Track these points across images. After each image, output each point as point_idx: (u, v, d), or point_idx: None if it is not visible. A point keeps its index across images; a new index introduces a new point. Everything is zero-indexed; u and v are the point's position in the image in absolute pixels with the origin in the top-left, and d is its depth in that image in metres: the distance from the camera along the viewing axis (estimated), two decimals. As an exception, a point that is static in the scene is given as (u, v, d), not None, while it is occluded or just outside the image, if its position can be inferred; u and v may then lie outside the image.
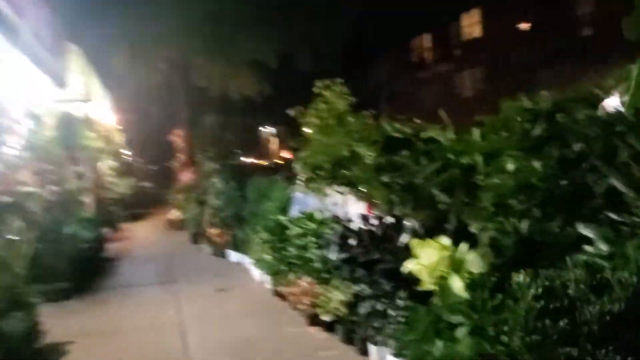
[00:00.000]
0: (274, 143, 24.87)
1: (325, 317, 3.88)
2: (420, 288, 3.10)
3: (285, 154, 20.13)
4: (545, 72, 15.73)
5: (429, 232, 3.34)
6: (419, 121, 4.09)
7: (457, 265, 2.97)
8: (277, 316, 4.56)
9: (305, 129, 4.94)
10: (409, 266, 3.17)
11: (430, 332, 2.88)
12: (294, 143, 5.11)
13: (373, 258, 3.60)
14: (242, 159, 14.09)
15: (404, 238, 3.36)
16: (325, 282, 4.17)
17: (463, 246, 3.01)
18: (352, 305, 3.62)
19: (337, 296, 3.77)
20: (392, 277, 3.42)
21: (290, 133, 5.79)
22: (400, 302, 3.21)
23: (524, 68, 17.37)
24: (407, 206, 3.72)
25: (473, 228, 3.16)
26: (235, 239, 7.20)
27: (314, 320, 4.17)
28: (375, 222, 3.87)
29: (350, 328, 3.72)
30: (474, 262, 2.87)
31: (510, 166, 2.80)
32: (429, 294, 3.14)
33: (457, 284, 2.77)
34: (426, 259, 3.05)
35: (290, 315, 4.49)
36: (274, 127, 23.51)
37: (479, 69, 21.59)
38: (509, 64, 18.95)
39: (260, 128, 23.68)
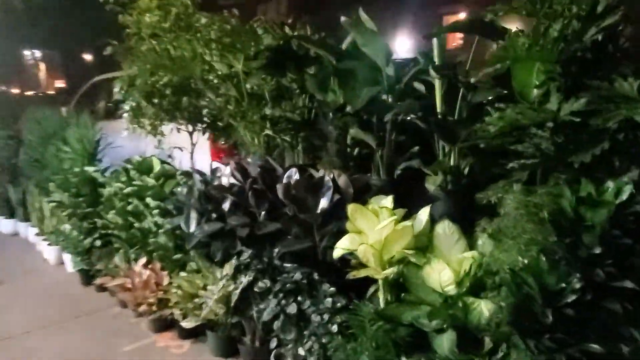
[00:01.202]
0: (49, 69, 20.01)
1: (188, 323, 2.53)
2: (353, 276, 2.05)
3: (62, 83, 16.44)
4: None
5: (360, 192, 2.26)
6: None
7: (422, 242, 1.99)
8: (100, 323, 2.95)
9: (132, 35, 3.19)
10: (343, 246, 2.06)
11: (390, 348, 1.88)
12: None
13: (269, 231, 2.36)
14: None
15: (324, 202, 2.21)
16: (180, 266, 2.78)
17: (423, 213, 2.04)
18: (237, 305, 2.36)
19: (207, 292, 2.45)
20: (303, 261, 2.27)
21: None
22: (327, 301, 2.10)
23: None
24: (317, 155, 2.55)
25: (430, 184, 2.20)
26: (6, 200, 4.95)
27: (166, 326, 2.77)
28: (251, 175, 2.61)
29: (233, 337, 2.47)
30: (452, 238, 1.92)
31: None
32: (361, 285, 2.12)
33: (444, 274, 1.78)
34: (373, 233, 1.98)
35: (123, 320, 2.95)
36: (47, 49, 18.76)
37: None
38: None
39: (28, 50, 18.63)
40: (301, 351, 2.06)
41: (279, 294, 2.19)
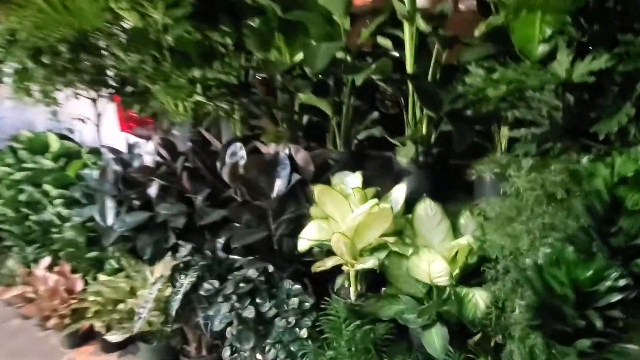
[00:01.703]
0: None
1: (114, 336, 2.08)
2: (317, 269, 1.74)
3: None
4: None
5: (322, 169, 1.91)
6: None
7: (399, 225, 1.71)
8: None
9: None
10: (310, 236, 1.72)
11: (371, 351, 1.62)
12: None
13: (213, 221, 1.95)
14: None
15: (280, 184, 1.84)
16: (98, 267, 2.27)
17: (398, 191, 1.75)
18: (178, 312, 1.94)
19: (138, 298, 2.01)
20: (256, 253, 1.91)
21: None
22: (292, 301, 1.76)
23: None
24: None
25: (402, 156, 1.91)
26: None
27: (85, 339, 2.28)
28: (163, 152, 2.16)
29: (173, 346, 2.07)
30: (434, 219, 1.66)
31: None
32: (325, 277, 1.82)
33: (436, 265, 1.52)
34: (344, 218, 1.66)
35: (27, 336, 2.39)
36: None
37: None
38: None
39: None
40: (264, 362, 1.74)
41: (231, 296, 1.81)
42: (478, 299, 1.54)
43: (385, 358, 1.62)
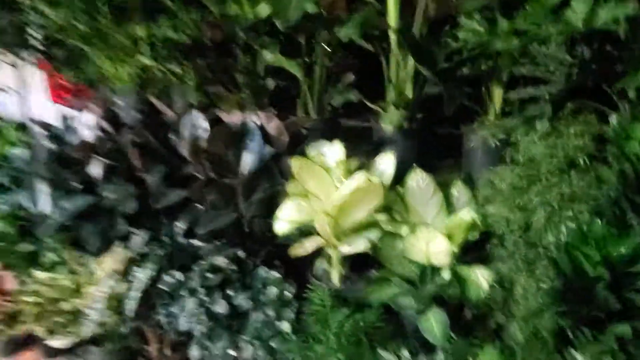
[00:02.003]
0: None
1: (58, 341, 1.78)
2: (297, 253, 1.53)
3: None
4: None
5: (296, 140, 1.67)
6: None
7: (388, 200, 1.51)
8: None
9: None
10: (289, 217, 1.50)
11: (363, 341, 1.44)
12: None
13: (172, 203, 1.68)
14: None
15: (250, 158, 1.59)
16: (33, 261, 1.94)
17: (385, 162, 1.55)
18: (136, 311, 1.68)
19: (85, 297, 1.72)
20: (222, 237, 1.67)
21: None
22: (270, 292, 1.55)
23: None
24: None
25: (387, 122, 1.71)
26: None
27: (23, 345, 1.96)
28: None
29: (129, 347, 1.80)
30: (427, 192, 1.48)
31: None
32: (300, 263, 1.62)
33: (437, 244, 1.34)
34: (328, 195, 1.45)
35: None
36: None
37: None
38: None
39: None
40: (240, 362, 1.53)
41: (198, 289, 1.57)
42: (480, 278, 1.40)
43: (377, 348, 1.45)
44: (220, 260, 1.62)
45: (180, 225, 1.76)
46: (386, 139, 1.74)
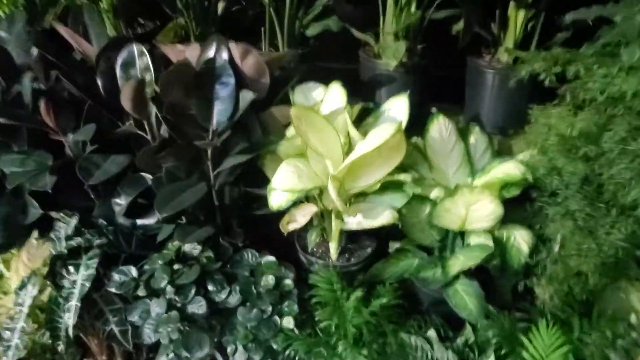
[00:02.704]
0: None
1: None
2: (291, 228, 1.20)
3: None
4: None
5: (280, 82, 1.27)
6: None
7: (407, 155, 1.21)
8: None
9: None
10: (286, 186, 1.13)
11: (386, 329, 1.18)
12: None
13: (110, 176, 1.22)
14: None
15: (223, 108, 1.17)
16: None
17: (397, 106, 1.23)
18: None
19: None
20: (181, 216, 1.26)
21: None
22: (266, 280, 1.20)
23: None
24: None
25: (390, 58, 1.36)
26: None
27: None
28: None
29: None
30: (449, 142, 1.20)
31: None
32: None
33: (482, 208, 1.08)
34: (335, 154, 1.11)
35: None
36: None
37: None
38: None
39: None
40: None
41: (163, 287, 1.18)
42: (520, 241, 1.19)
43: (400, 332, 1.20)
44: (190, 247, 1.22)
45: (118, 202, 1.31)
46: (379, 78, 1.42)
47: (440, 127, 1.22)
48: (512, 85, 1.16)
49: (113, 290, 1.20)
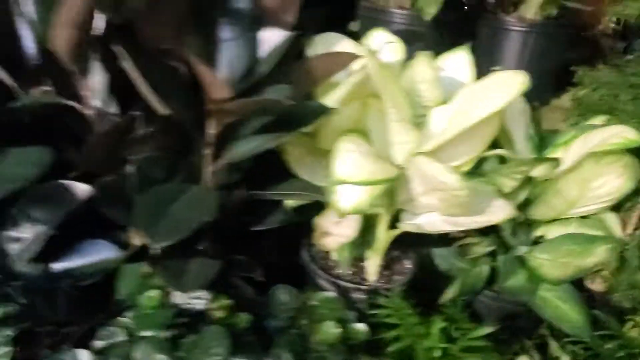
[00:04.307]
0: None
1: None
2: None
3: None
4: None
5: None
6: None
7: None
8: None
9: None
10: (363, 173, 0.71)
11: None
12: None
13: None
14: None
15: (234, 55, 0.70)
16: None
17: (460, 59, 0.89)
18: None
19: None
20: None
21: None
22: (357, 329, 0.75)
23: None
24: None
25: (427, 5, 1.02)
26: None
27: None
28: None
29: None
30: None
31: None
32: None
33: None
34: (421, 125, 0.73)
35: None
36: None
37: None
38: None
39: None
40: None
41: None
42: (614, 226, 0.96)
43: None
44: (183, 297, 0.71)
45: (21, 235, 0.73)
46: (403, 32, 1.08)
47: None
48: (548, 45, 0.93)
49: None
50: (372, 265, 0.94)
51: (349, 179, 0.69)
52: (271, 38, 0.71)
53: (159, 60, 0.65)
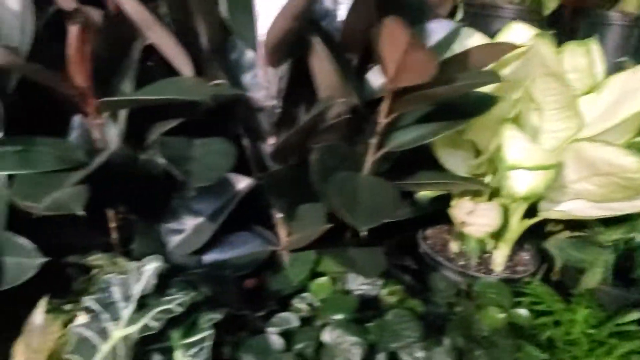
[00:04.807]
0: None
1: None
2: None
3: None
4: None
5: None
6: None
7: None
8: None
9: None
10: (534, 161, 0.72)
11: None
12: None
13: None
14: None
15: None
16: None
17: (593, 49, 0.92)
18: None
19: None
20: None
21: None
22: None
23: None
24: None
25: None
26: None
27: None
28: None
29: None
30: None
31: None
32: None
33: None
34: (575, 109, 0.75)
35: None
36: None
37: None
38: None
39: None
40: None
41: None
42: None
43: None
44: (357, 283, 0.72)
45: (180, 227, 0.75)
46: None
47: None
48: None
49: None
50: (501, 255, 0.95)
51: (521, 164, 0.70)
52: (438, 29, 0.73)
53: (342, 53, 0.67)
